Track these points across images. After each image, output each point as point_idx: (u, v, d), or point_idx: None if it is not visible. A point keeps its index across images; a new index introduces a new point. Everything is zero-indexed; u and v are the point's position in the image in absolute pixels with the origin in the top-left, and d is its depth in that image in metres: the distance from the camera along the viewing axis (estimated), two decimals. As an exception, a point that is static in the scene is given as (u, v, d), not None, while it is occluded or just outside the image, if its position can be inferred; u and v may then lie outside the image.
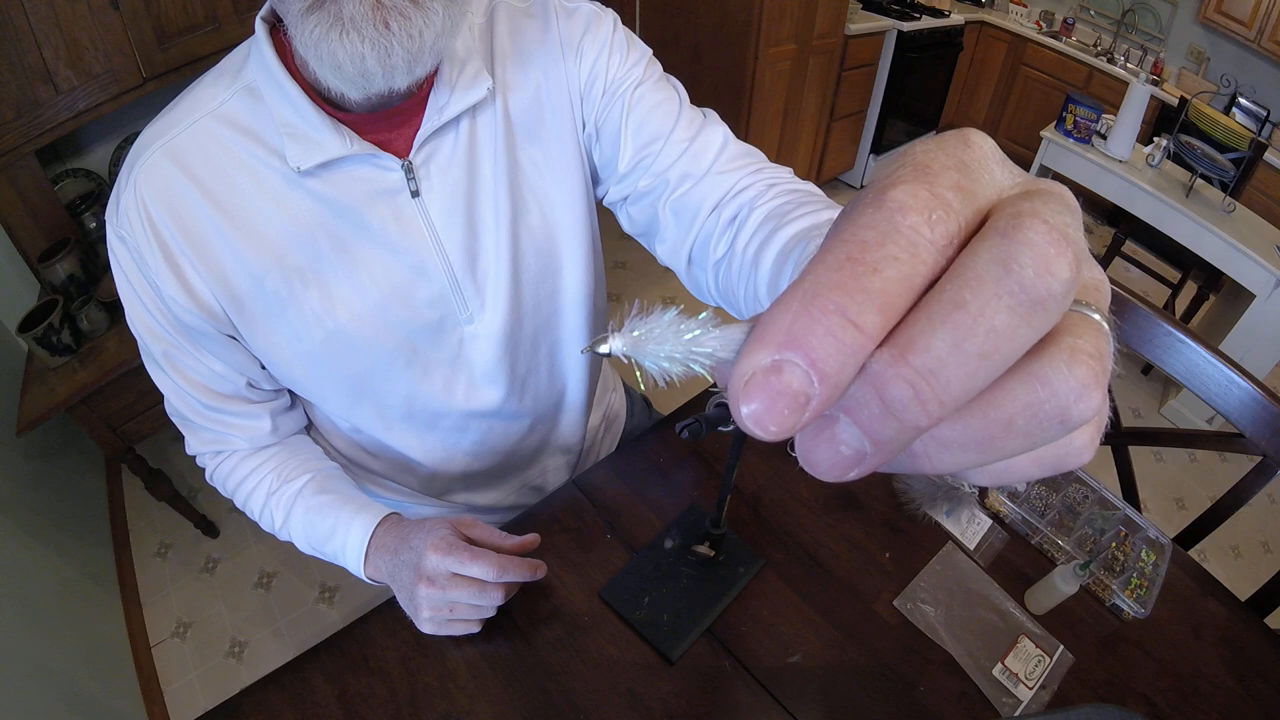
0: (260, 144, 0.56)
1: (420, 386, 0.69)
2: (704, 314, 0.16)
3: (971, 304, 0.13)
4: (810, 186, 0.60)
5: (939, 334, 0.13)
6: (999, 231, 0.14)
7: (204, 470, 0.75)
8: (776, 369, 0.14)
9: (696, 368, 0.16)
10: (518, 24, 0.63)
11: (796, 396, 0.14)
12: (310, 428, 0.80)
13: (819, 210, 0.51)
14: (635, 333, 0.16)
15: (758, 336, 0.14)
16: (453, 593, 0.63)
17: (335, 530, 0.68)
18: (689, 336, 0.16)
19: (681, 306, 0.16)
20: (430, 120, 0.57)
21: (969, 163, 0.16)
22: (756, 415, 0.14)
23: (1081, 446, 0.16)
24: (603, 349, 0.16)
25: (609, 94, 0.65)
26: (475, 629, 0.67)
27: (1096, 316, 0.15)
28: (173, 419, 0.71)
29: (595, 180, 0.71)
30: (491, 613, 0.66)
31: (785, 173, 0.63)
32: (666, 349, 0.16)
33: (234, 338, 0.63)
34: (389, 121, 0.57)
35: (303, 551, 0.73)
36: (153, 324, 0.61)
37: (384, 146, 0.57)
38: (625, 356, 0.16)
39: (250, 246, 0.57)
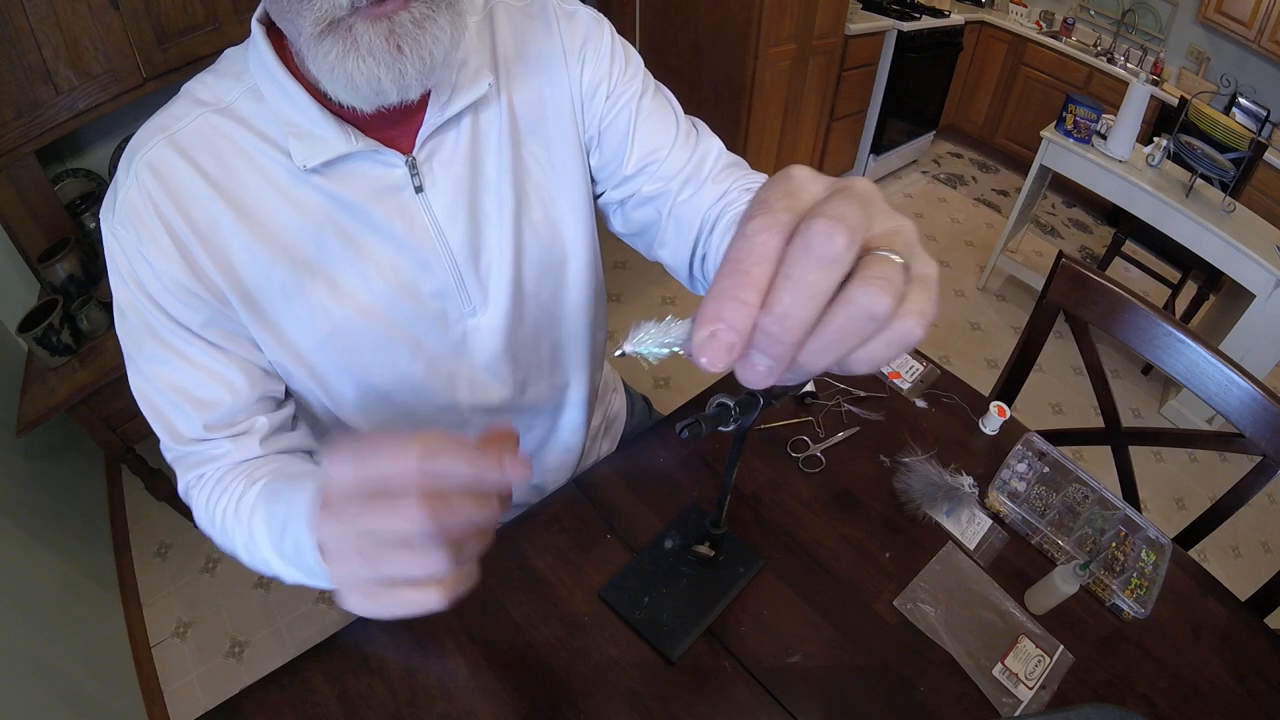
0: (266, 140, 0.56)
1: (424, 381, 0.69)
2: (668, 317, 0.27)
3: (794, 273, 0.23)
4: None
5: (784, 293, 0.23)
6: (801, 231, 0.23)
7: (195, 513, 0.62)
8: (714, 335, 0.23)
9: (675, 349, 0.26)
10: (519, 24, 0.64)
11: (729, 346, 0.23)
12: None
13: None
14: (636, 337, 0.26)
15: (701, 319, 0.24)
16: (365, 521, 0.34)
17: (289, 514, 0.48)
18: (665, 332, 0.26)
19: (671, 316, 0.26)
20: (433, 117, 0.58)
21: (792, 190, 0.25)
22: (709, 361, 0.24)
23: (911, 328, 0.24)
24: (617, 352, 0.27)
25: (612, 100, 0.67)
26: (432, 601, 0.35)
27: (886, 254, 0.24)
28: (165, 455, 0.63)
29: (590, 180, 0.72)
30: (447, 567, 0.35)
31: (763, 179, 0.67)
32: (651, 343, 0.26)
33: (239, 338, 0.61)
34: (392, 118, 0.57)
35: (284, 579, 0.53)
36: (152, 320, 0.58)
37: (387, 143, 0.57)
38: (634, 353, 0.26)
39: (259, 238, 0.57)
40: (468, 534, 0.35)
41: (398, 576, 0.35)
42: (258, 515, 0.54)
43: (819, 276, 0.23)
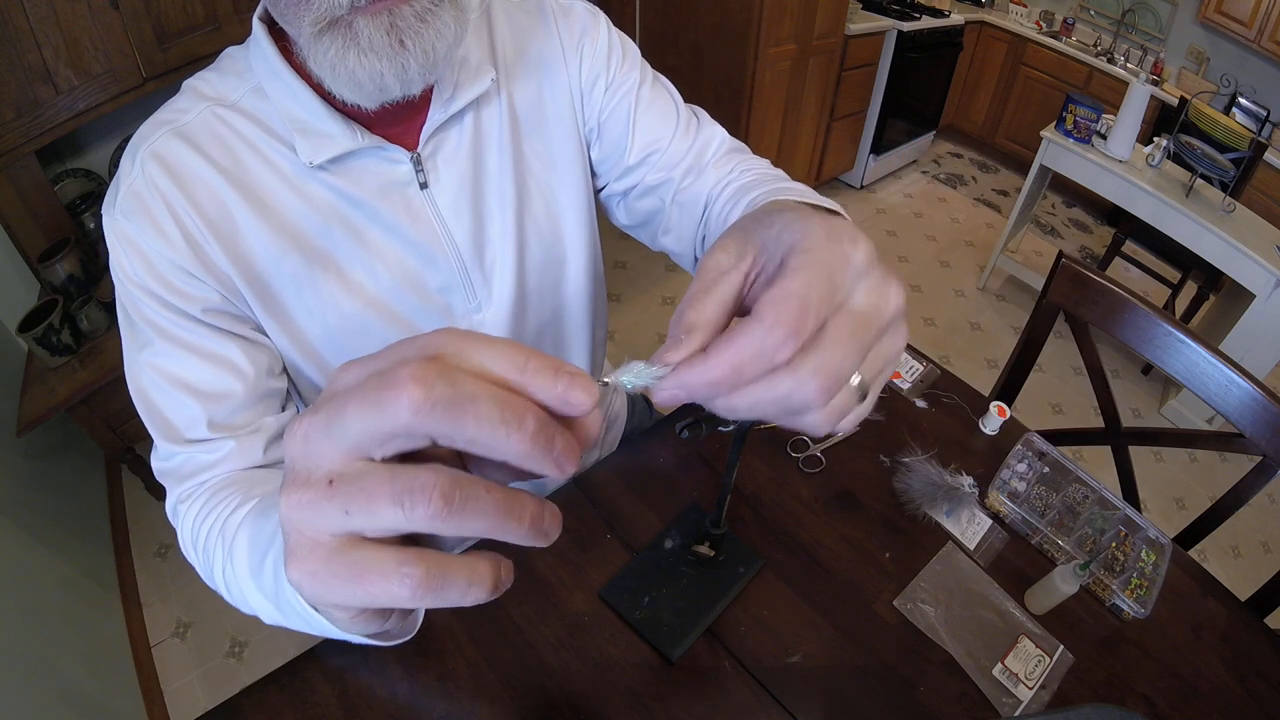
0: (272, 134, 0.56)
1: None
2: (640, 362, 0.29)
3: (764, 400, 0.26)
4: (779, 173, 0.68)
5: (748, 401, 0.26)
6: (796, 378, 0.26)
7: (180, 536, 0.58)
8: (679, 390, 0.27)
9: (650, 385, 0.28)
10: (516, 20, 0.65)
11: (684, 397, 0.27)
12: None
13: (779, 183, 0.61)
14: (621, 373, 0.28)
15: (681, 377, 0.26)
16: (342, 408, 0.23)
17: (277, 533, 0.41)
18: (645, 372, 0.28)
19: (644, 362, 0.28)
20: (436, 114, 0.58)
21: (838, 283, 0.27)
22: (662, 402, 0.27)
23: (850, 425, 0.30)
24: (602, 381, 0.29)
25: (610, 92, 0.68)
26: (405, 586, 0.24)
27: (854, 381, 0.28)
28: (157, 469, 0.61)
29: (591, 174, 0.73)
30: (437, 508, 0.22)
31: (764, 163, 0.71)
32: (633, 379, 0.28)
33: (245, 325, 0.60)
34: (396, 115, 0.57)
35: (263, 618, 0.48)
36: (154, 316, 0.56)
37: (392, 140, 0.58)
38: (616, 384, 0.29)
39: (271, 226, 0.57)
40: (468, 488, 0.23)
41: (365, 520, 0.23)
42: (242, 533, 0.47)
43: (780, 414, 0.27)
